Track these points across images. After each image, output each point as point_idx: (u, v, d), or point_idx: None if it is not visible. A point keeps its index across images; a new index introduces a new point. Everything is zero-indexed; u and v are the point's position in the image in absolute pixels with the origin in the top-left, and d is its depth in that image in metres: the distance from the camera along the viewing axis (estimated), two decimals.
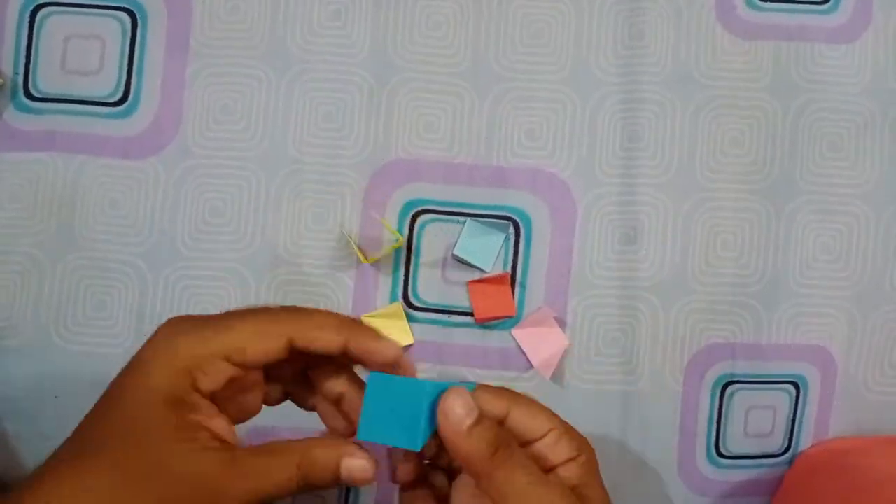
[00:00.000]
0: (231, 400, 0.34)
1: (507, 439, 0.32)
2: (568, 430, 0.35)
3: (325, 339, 0.33)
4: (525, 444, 0.34)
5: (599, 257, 0.49)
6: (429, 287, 0.48)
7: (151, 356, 0.32)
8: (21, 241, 0.47)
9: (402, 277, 0.48)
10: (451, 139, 0.49)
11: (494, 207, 0.49)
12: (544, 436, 0.34)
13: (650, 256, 0.49)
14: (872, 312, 0.49)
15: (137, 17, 0.48)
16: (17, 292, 0.47)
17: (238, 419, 0.35)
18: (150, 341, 0.32)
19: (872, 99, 0.49)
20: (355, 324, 0.34)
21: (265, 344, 0.32)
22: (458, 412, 0.31)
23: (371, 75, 0.49)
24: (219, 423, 0.32)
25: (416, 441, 0.31)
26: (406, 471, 0.36)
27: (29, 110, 0.48)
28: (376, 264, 0.48)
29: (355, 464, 0.32)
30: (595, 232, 0.49)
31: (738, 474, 0.49)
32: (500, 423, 0.34)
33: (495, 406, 0.34)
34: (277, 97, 0.48)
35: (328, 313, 0.34)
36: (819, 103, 0.49)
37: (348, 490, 0.49)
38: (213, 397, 0.32)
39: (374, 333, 0.34)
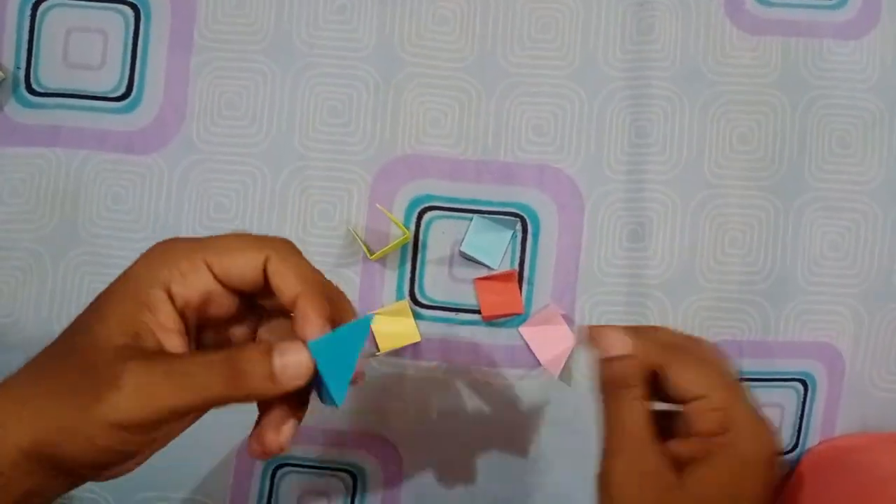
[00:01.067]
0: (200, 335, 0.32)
1: (627, 381, 0.33)
2: (723, 405, 0.33)
3: (288, 282, 0.30)
4: (678, 401, 0.34)
5: (607, 254, 0.48)
6: (436, 284, 0.48)
7: (144, 254, 0.30)
8: (23, 236, 0.47)
9: (408, 274, 0.48)
10: (457, 135, 0.48)
11: (501, 204, 0.48)
12: (693, 399, 0.33)
13: (658, 253, 0.48)
14: (879, 310, 0.49)
15: (140, 10, 0.48)
16: (19, 288, 0.47)
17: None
18: (152, 246, 0.31)
19: (880, 96, 0.49)
20: (320, 287, 0.31)
21: (245, 258, 0.30)
22: (606, 342, 0.34)
23: (377, 70, 0.48)
24: (174, 342, 0.30)
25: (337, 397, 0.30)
26: None
27: (31, 105, 0.47)
28: (382, 261, 0.48)
29: (290, 357, 0.28)
30: (603, 229, 0.48)
31: None
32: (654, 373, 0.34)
33: (657, 354, 0.34)
34: (282, 92, 0.48)
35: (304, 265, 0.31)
36: (827, 99, 0.49)
37: (354, 491, 0.48)
38: (184, 319, 0.30)
39: (327, 304, 0.30)
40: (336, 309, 0.31)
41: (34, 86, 0.47)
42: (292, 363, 0.28)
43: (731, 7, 0.49)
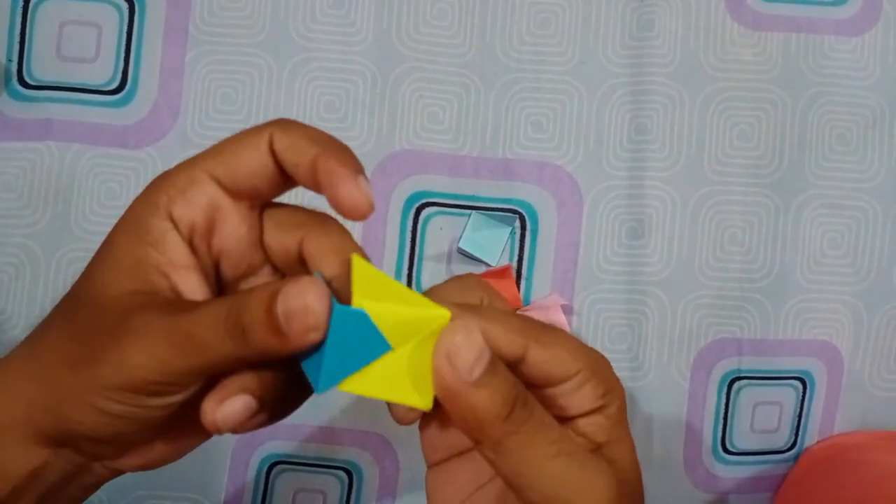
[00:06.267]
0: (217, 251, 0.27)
1: (524, 395, 0.24)
2: (596, 371, 0.26)
3: (300, 149, 0.26)
4: (538, 386, 0.26)
5: (606, 251, 0.48)
6: (434, 281, 0.48)
7: (146, 187, 0.27)
8: (15, 232, 0.46)
9: (405, 271, 0.47)
10: (456, 130, 0.48)
11: (500, 200, 0.48)
12: (566, 380, 0.26)
13: (657, 251, 0.48)
14: (879, 308, 0.49)
15: (135, 3, 0.47)
16: (11, 284, 0.46)
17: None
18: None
19: (881, 93, 0.49)
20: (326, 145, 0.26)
21: (246, 144, 0.26)
22: (465, 356, 0.23)
23: (374, 64, 0.48)
24: (190, 282, 0.26)
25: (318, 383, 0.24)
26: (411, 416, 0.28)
27: (23, 98, 0.47)
28: (380, 257, 0.47)
29: (295, 302, 0.23)
30: (602, 226, 0.48)
31: (744, 470, 0.49)
32: (515, 366, 0.26)
33: (509, 346, 0.25)
34: (279, 86, 0.47)
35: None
36: (828, 96, 0.49)
37: (350, 488, 0.48)
38: (194, 245, 0.27)
39: (348, 160, 0.25)
40: None
41: (27, 79, 0.47)
42: (297, 310, 0.23)
43: (732, 3, 0.49)
